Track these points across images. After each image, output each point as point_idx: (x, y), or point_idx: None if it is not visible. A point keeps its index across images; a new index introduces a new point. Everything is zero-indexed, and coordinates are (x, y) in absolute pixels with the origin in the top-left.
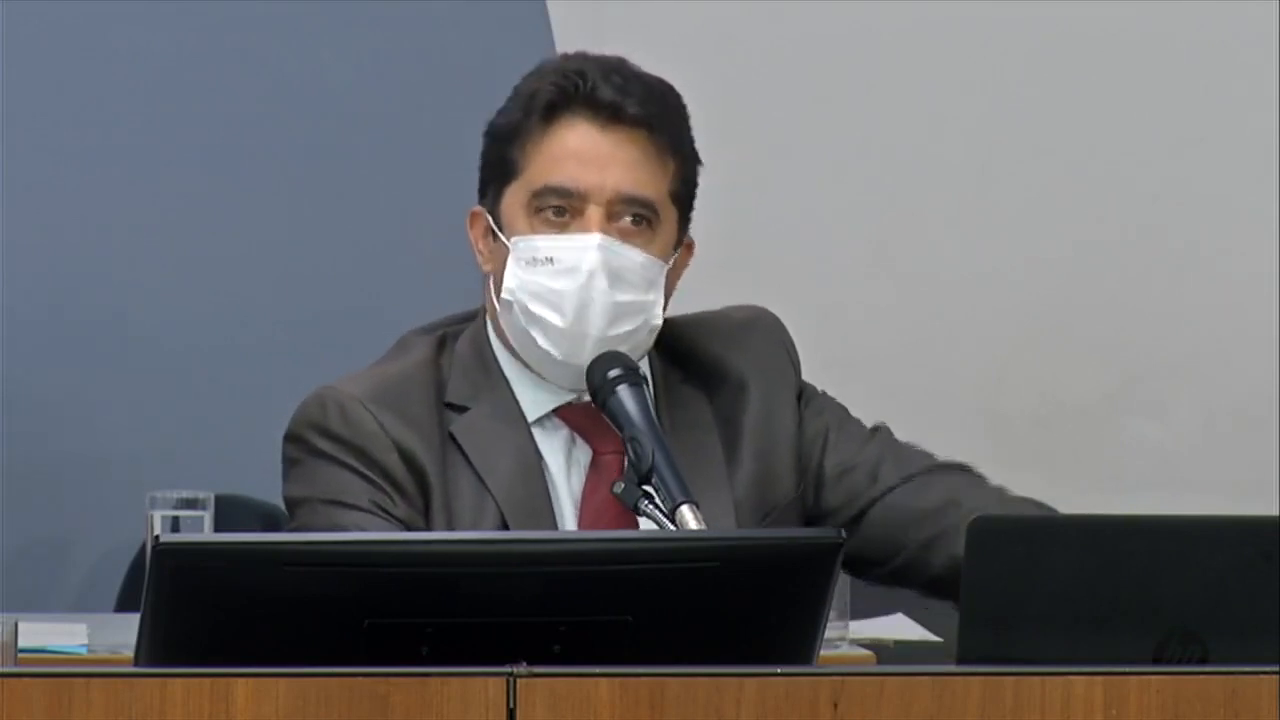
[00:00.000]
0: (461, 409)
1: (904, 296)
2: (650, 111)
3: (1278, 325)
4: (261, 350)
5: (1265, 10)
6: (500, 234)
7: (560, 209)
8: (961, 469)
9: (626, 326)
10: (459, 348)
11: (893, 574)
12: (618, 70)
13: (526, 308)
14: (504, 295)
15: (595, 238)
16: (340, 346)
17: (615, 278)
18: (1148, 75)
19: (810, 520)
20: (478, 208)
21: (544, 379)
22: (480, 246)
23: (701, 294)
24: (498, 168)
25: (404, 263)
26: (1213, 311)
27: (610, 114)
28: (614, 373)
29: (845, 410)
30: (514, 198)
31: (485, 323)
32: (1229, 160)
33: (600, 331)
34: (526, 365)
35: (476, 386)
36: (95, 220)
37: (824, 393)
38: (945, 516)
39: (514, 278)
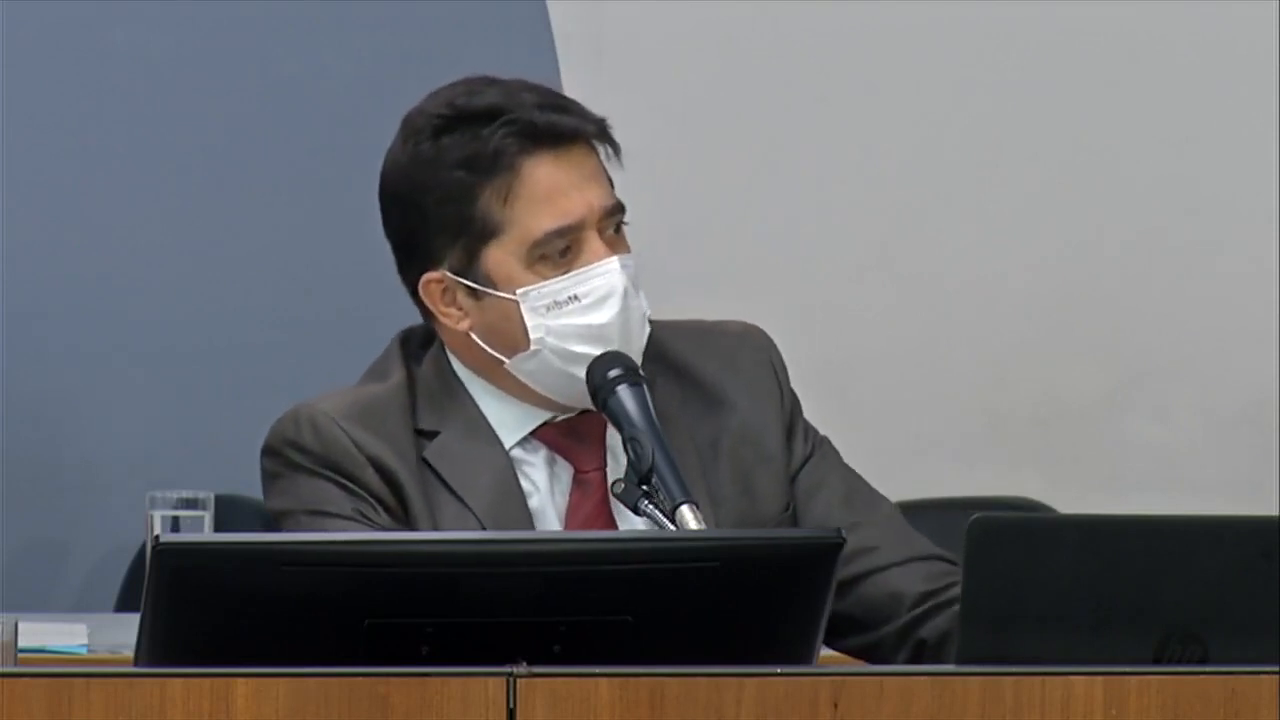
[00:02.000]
0: (432, 434)
1: (905, 297)
2: (583, 121)
3: (1278, 325)
4: (261, 350)
5: (1265, 10)
6: (490, 290)
7: (565, 249)
8: (953, 562)
9: (647, 329)
10: (421, 374)
11: (873, 646)
12: (531, 91)
13: (564, 349)
14: (533, 346)
15: (613, 261)
16: (340, 347)
17: (635, 289)
18: (1148, 75)
19: None
20: (431, 274)
21: (524, 402)
22: (441, 309)
23: (702, 295)
24: (461, 230)
25: None
26: (1213, 311)
27: (565, 139)
28: (614, 372)
29: (842, 461)
30: (504, 254)
31: (444, 352)
32: (1229, 160)
33: (640, 344)
34: (498, 389)
35: (444, 411)
36: (95, 220)
37: (826, 439)
38: (940, 596)
39: (539, 327)
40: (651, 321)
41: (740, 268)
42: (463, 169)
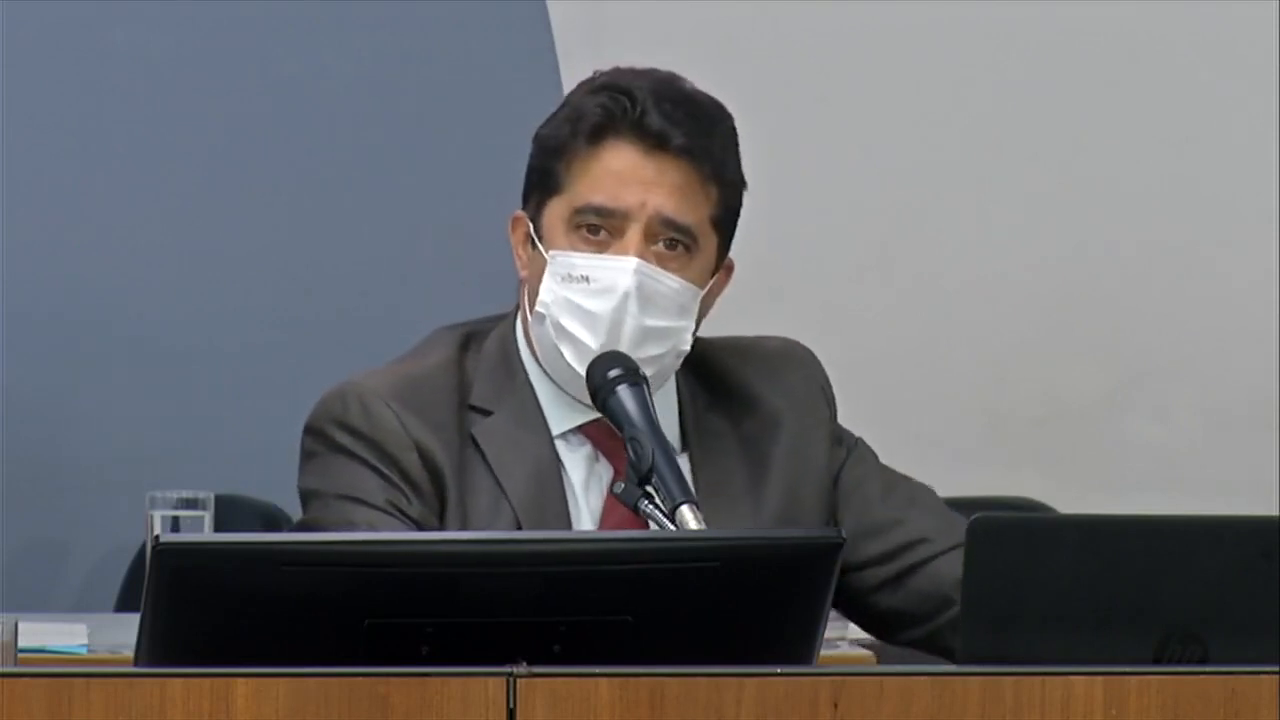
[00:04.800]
0: (485, 412)
1: (905, 297)
2: (696, 141)
3: (1278, 325)
4: (261, 350)
5: (1265, 10)
6: (539, 245)
7: (596, 228)
8: None
9: (654, 350)
10: (486, 348)
11: (931, 636)
12: (668, 95)
13: (559, 323)
14: (538, 308)
15: (632, 261)
16: (340, 347)
17: (647, 302)
18: (1148, 75)
19: (849, 568)
20: (520, 213)
21: (566, 393)
22: (519, 251)
23: None
24: (542, 179)
25: (402, 263)
26: (1213, 311)
27: (656, 141)
28: (614, 372)
29: (878, 459)
30: (555, 212)
31: (515, 325)
32: (1229, 160)
33: (629, 353)
34: (553, 380)
35: (500, 390)
36: (95, 221)
37: (861, 440)
38: None
39: (549, 292)
40: (697, 339)
41: (740, 268)
42: (568, 127)
